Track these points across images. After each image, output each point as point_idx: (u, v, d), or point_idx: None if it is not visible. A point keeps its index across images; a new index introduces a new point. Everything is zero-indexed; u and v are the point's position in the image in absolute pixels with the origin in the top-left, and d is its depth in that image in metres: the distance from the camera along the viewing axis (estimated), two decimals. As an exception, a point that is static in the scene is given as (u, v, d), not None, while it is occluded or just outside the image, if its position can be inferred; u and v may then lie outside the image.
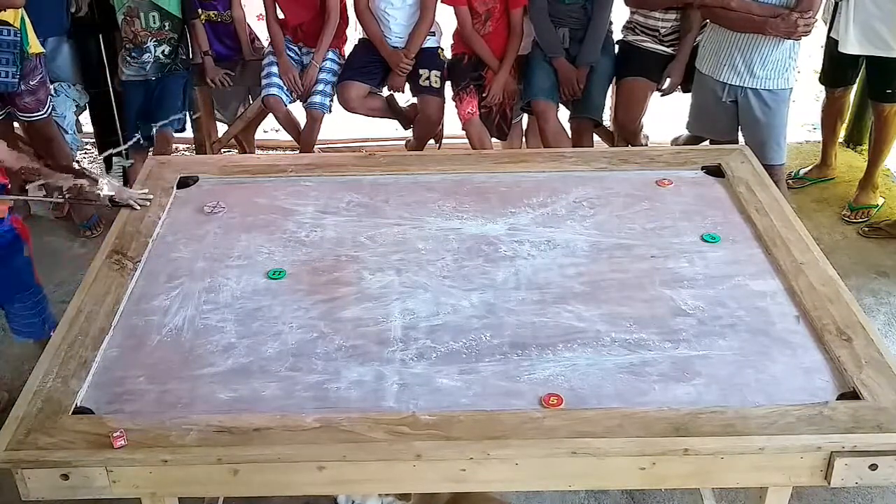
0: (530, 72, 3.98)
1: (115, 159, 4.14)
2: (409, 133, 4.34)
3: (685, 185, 2.69)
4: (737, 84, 3.48)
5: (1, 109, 3.66)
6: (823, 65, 4.19)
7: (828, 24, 4.00)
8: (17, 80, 3.50)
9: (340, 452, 1.78)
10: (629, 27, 4.02)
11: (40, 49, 3.61)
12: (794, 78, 3.49)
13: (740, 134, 3.64)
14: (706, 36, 3.62)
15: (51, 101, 3.78)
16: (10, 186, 2.70)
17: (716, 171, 2.73)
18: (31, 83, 3.61)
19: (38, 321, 2.84)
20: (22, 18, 3.46)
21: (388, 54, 4.02)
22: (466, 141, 4.13)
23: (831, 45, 3.95)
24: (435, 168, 2.80)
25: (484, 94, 4.01)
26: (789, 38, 3.32)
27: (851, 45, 3.79)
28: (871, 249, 3.89)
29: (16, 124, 3.87)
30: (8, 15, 3.41)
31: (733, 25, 3.41)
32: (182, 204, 2.62)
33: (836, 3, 3.83)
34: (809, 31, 3.31)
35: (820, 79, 4.27)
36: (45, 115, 3.74)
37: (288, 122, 4.27)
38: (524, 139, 4.39)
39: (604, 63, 3.96)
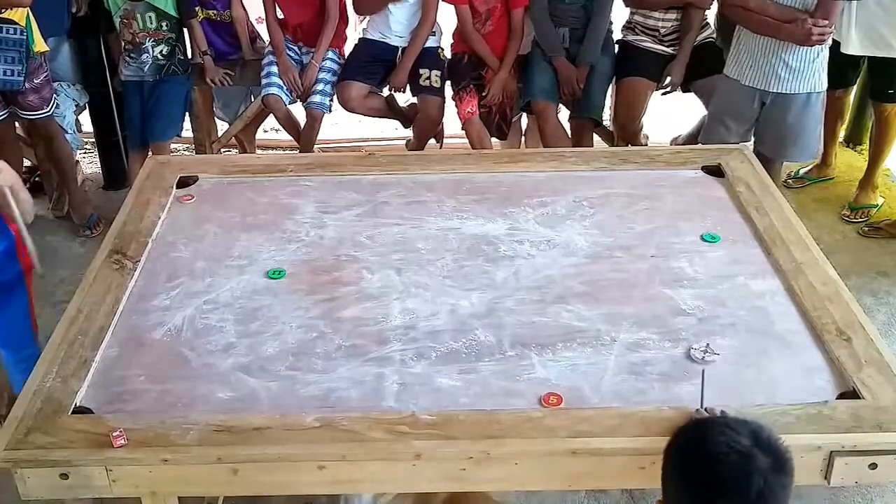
0: (530, 71, 3.97)
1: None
2: (409, 133, 4.34)
3: (685, 185, 2.69)
4: (767, 89, 3.37)
5: (4, 108, 3.67)
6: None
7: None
8: (22, 78, 3.51)
9: (340, 452, 1.77)
10: (629, 27, 4.01)
11: (45, 48, 3.63)
12: (824, 81, 3.40)
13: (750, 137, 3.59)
14: (736, 40, 3.51)
15: (55, 100, 3.79)
16: None
17: (716, 171, 2.73)
18: (36, 81, 3.63)
19: (20, 379, 2.33)
20: (28, 17, 3.47)
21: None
22: (466, 141, 4.13)
23: (833, 45, 3.93)
24: (435, 168, 2.80)
25: (484, 94, 4.01)
26: (803, 45, 3.24)
27: (853, 46, 3.78)
28: (871, 249, 3.89)
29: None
30: (15, 14, 3.42)
31: (751, 26, 3.35)
32: (182, 204, 2.62)
33: (839, 5, 3.81)
34: (824, 40, 3.23)
35: None
36: (49, 114, 3.75)
37: (288, 122, 4.27)
38: (524, 139, 4.39)
39: (604, 63, 3.96)
